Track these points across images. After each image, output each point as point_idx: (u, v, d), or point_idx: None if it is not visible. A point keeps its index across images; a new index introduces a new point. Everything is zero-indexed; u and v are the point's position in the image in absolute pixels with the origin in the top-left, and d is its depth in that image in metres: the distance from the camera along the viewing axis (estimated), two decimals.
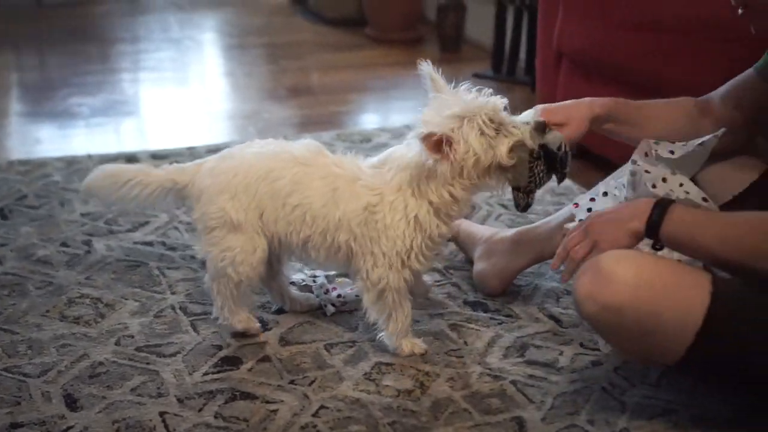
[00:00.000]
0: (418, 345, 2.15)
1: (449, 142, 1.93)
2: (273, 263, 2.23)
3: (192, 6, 5.87)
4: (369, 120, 3.94)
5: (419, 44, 5.09)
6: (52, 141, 3.55)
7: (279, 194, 2.07)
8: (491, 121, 1.94)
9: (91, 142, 3.51)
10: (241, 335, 2.17)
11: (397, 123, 3.71)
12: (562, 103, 2.11)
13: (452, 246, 2.59)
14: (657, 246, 1.79)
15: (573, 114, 2.07)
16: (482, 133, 1.94)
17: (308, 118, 3.84)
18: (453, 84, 2.01)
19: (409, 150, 2.04)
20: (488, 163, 1.97)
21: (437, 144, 1.92)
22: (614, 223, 1.82)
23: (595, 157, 3.28)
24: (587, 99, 2.10)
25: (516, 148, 1.97)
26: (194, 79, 4.66)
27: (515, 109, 2.06)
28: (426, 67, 2.01)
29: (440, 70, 2.02)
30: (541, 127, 1.98)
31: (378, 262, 2.06)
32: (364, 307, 2.12)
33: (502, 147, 1.96)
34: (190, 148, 3.36)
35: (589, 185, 3.02)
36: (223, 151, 2.20)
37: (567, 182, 3.05)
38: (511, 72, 4.46)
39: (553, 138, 2.00)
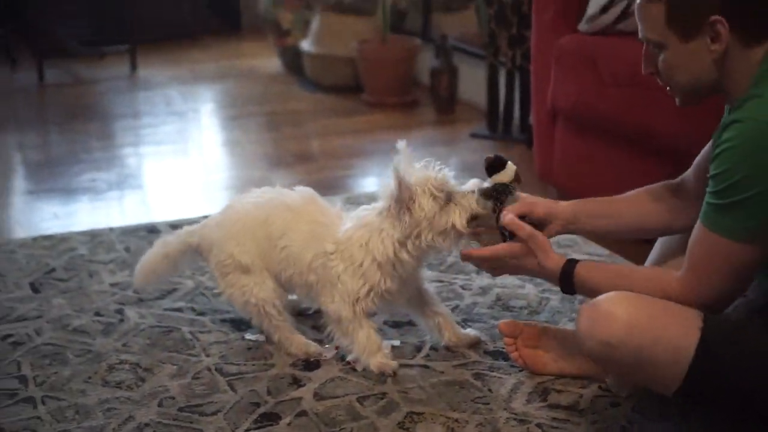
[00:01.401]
0: (388, 364, 2.34)
1: (412, 199, 2.19)
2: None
3: (192, 79, 6.03)
4: (373, 183, 4.08)
5: (415, 107, 5.25)
6: (68, 216, 3.66)
7: (272, 237, 2.37)
8: (440, 190, 2.19)
9: (107, 215, 3.64)
10: (305, 360, 2.41)
11: None
12: (542, 199, 2.28)
13: (469, 299, 2.71)
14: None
15: (556, 213, 2.24)
16: (434, 198, 2.20)
17: (317, 183, 3.93)
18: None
19: (373, 209, 2.31)
20: (443, 227, 2.21)
21: (405, 191, 2.18)
22: (533, 271, 2.16)
23: None
24: (563, 202, 2.27)
25: (473, 219, 2.21)
26: (201, 150, 4.80)
27: (516, 164, 2.24)
28: (401, 146, 2.24)
29: (437, 132, 2.24)
30: (488, 193, 2.19)
31: (334, 298, 2.31)
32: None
33: (456, 216, 2.20)
34: (206, 216, 3.47)
35: (592, 238, 3.17)
36: (225, 205, 2.53)
37: (571, 234, 3.19)
38: (507, 131, 4.61)
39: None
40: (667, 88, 1.97)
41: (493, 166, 2.19)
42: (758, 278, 2.05)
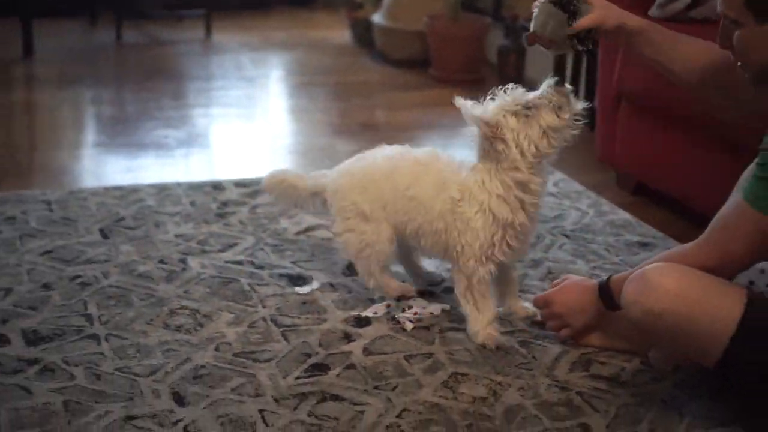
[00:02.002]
0: (493, 338, 2.38)
1: (497, 127, 2.27)
2: (405, 246, 2.60)
3: (263, 47, 6.13)
4: None
5: (481, 84, 5.28)
6: (138, 170, 3.79)
7: (399, 188, 2.44)
8: (515, 105, 2.28)
9: (175, 171, 3.75)
10: (399, 299, 2.57)
11: (460, 157, 3.90)
12: (615, 8, 2.27)
13: (521, 270, 2.77)
14: None
15: (626, 27, 2.25)
16: (515, 115, 2.27)
17: None
18: None
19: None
20: (540, 133, 2.27)
21: (489, 126, 2.27)
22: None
23: (652, 192, 3.46)
24: (635, 18, 2.27)
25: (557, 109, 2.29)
26: (267, 114, 4.90)
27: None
28: (459, 101, 2.36)
29: None
30: (559, 83, 2.28)
31: (466, 253, 2.35)
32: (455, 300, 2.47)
33: (545, 117, 2.27)
34: None
35: (647, 221, 3.21)
36: (356, 156, 2.61)
37: (626, 215, 3.23)
38: None
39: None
40: (738, 64, 2.01)
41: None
42: None
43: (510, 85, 2.34)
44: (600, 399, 2.17)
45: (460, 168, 2.43)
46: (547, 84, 2.31)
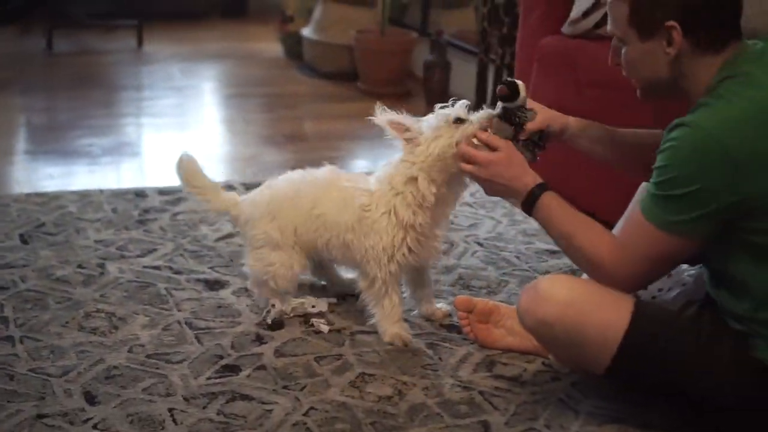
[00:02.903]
0: (402, 336, 2.47)
1: (407, 129, 2.39)
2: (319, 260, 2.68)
3: (194, 57, 6.18)
4: (360, 165, 4.22)
5: (407, 98, 5.39)
6: (64, 177, 3.81)
7: (305, 208, 2.52)
8: (442, 118, 2.38)
9: (102, 179, 3.79)
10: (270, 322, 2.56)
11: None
12: (555, 112, 2.41)
13: (434, 277, 2.86)
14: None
15: (567, 126, 2.40)
16: (437, 128, 2.37)
17: (304, 162, 4.04)
18: None
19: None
20: (447, 150, 2.35)
21: (398, 127, 2.40)
22: (511, 180, 2.23)
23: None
24: (572, 118, 2.42)
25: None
26: (196, 125, 4.94)
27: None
28: (380, 114, 2.44)
29: None
30: (507, 116, 2.30)
31: (369, 256, 2.45)
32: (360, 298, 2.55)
33: (457, 135, 2.34)
34: None
35: None
36: (261, 185, 2.67)
37: (537, 224, 3.33)
38: None
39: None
40: (633, 80, 2.12)
41: (507, 94, 2.29)
42: (698, 269, 2.21)
43: (459, 101, 2.42)
44: (500, 398, 2.26)
45: (364, 179, 2.53)
46: (487, 112, 2.36)
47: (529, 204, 2.19)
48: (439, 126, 2.37)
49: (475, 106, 4.83)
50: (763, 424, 2.00)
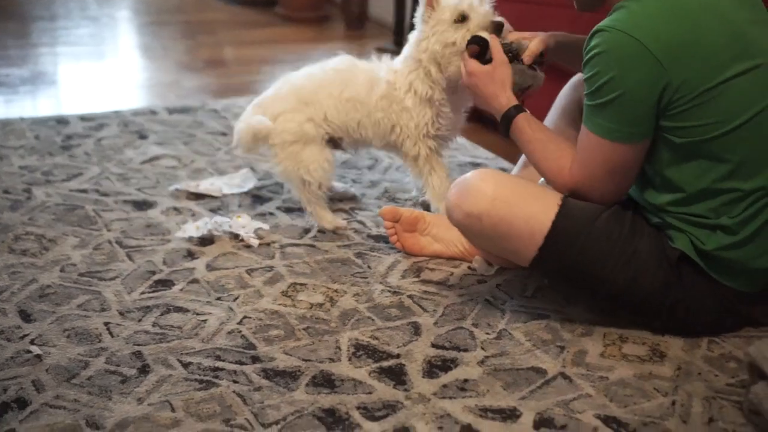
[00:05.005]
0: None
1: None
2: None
3: None
4: None
5: (326, 22, 5.39)
6: None
7: (334, 94, 2.61)
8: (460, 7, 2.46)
9: (21, 108, 3.75)
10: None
11: None
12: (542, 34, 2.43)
13: (359, 191, 2.91)
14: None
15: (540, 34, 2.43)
16: (451, 14, 2.46)
17: (225, 86, 4.14)
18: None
19: None
20: (449, 40, 2.47)
21: None
22: (488, 97, 2.29)
23: (485, 118, 3.64)
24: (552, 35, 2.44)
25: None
26: (113, 53, 4.89)
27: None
28: None
29: (346, 46, 2.42)
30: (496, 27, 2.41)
31: (403, 135, 2.62)
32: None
33: (459, 36, 2.45)
34: (116, 112, 3.63)
35: (479, 143, 3.39)
36: (273, 85, 2.74)
37: (461, 140, 3.41)
38: None
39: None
40: None
41: (478, 51, 2.35)
42: None
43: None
44: (429, 300, 2.34)
45: (379, 63, 2.67)
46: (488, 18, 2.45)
47: (504, 124, 2.25)
48: (443, 20, 2.47)
49: (395, 32, 4.93)
50: (676, 313, 2.11)
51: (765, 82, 2.01)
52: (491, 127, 3.60)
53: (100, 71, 4.43)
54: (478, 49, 2.35)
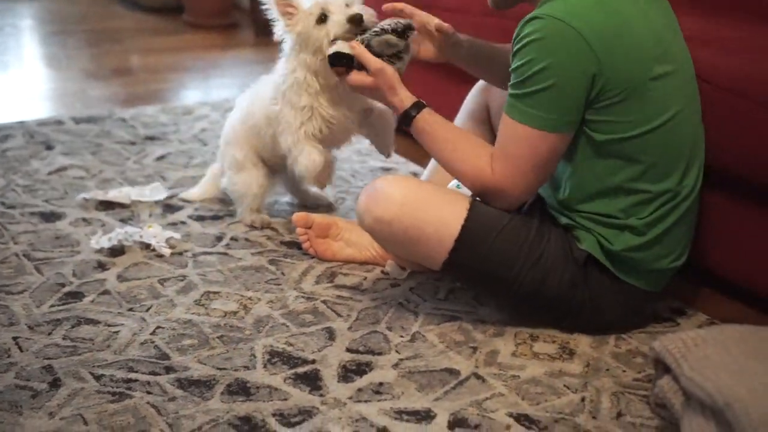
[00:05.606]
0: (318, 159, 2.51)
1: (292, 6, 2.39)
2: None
3: None
4: (190, 95, 4.20)
5: (235, 29, 5.37)
6: None
7: (246, 124, 2.70)
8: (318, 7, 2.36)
9: None
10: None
11: (216, 98, 4.00)
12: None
13: (271, 198, 2.91)
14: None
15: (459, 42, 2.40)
16: (311, 15, 2.35)
17: (132, 95, 4.09)
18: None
19: None
20: (317, 44, 2.35)
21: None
22: (384, 102, 2.27)
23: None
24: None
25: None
26: (17, 63, 4.79)
27: None
28: None
29: (256, 53, 2.41)
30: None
31: (286, 138, 2.52)
32: None
33: (323, 33, 2.33)
34: (21, 122, 3.57)
35: (414, 159, 3.41)
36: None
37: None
38: None
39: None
40: None
41: (344, 71, 2.26)
42: None
43: None
44: (343, 305, 2.35)
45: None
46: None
47: (406, 125, 2.22)
48: (306, 23, 2.36)
49: None
50: (583, 312, 2.17)
51: (678, 88, 2.07)
52: (400, 131, 3.62)
53: (3, 81, 4.34)
54: (345, 70, 2.27)
